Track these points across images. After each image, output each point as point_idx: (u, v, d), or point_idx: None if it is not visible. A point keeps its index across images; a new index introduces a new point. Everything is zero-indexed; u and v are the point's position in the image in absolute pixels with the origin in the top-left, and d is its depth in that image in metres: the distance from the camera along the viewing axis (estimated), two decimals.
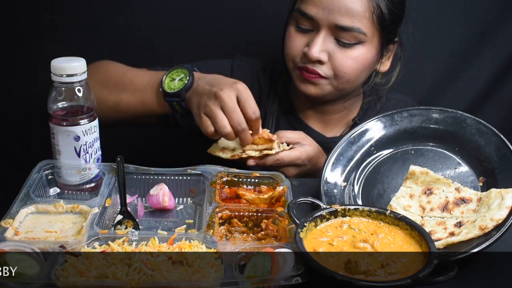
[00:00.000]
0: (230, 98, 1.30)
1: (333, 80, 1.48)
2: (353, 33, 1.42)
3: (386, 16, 1.45)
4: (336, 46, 1.45)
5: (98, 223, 1.06)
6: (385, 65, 1.58)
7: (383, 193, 1.25)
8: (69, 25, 1.80)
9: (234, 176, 1.25)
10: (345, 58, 1.45)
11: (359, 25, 1.42)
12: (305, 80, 1.50)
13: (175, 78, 1.43)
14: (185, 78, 1.41)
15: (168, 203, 1.22)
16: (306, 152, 1.40)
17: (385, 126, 1.32)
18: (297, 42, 1.49)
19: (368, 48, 1.47)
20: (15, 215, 1.06)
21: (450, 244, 1.06)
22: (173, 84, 1.41)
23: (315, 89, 1.50)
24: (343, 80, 1.48)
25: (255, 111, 1.32)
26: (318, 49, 1.43)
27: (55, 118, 1.19)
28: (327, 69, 1.46)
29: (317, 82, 1.49)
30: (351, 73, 1.47)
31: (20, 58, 1.83)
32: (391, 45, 1.56)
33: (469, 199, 1.16)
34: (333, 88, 1.50)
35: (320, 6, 1.42)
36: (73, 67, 1.17)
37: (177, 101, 1.41)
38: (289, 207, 1.07)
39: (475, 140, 1.24)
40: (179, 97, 1.40)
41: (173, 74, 1.44)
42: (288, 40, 1.51)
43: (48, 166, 1.22)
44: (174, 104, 1.42)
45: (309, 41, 1.46)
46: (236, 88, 1.32)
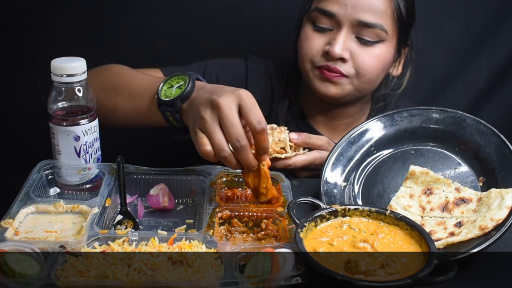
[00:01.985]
0: (229, 107, 1.07)
1: (354, 79, 1.47)
2: (375, 30, 1.42)
3: (404, 16, 1.46)
4: (358, 44, 1.44)
5: (98, 223, 1.06)
6: (398, 69, 1.57)
7: (383, 193, 1.25)
8: (69, 25, 1.80)
9: (234, 176, 1.25)
10: (367, 56, 1.44)
11: (381, 22, 1.42)
12: (325, 80, 1.47)
13: (174, 85, 1.23)
14: (184, 86, 1.19)
15: (168, 203, 1.22)
16: (321, 158, 1.36)
17: (385, 126, 1.32)
18: (316, 42, 1.47)
19: (388, 47, 1.47)
20: (15, 215, 1.06)
21: (450, 244, 1.06)
22: (171, 91, 1.21)
23: (335, 89, 1.48)
24: (365, 79, 1.47)
25: (260, 121, 1.07)
26: (340, 47, 1.42)
27: (55, 118, 1.19)
28: (349, 67, 1.45)
29: (338, 82, 1.46)
30: (373, 71, 1.46)
31: (20, 58, 1.83)
32: (403, 49, 1.56)
33: (469, 199, 1.16)
34: (354, 88, 1.48)
35: (343, 3, 1.41)
36: (73, 67, 1.17)
37: (171, 111, 1.20)
38: (289, 207, 1.07)
39: (475, 140, 1.24)
40: (173, 107, 1.19)
41: (172, 80, 1.24)
42: (306, 40, 1.49)
43: (48, 166, 1.22)
44: (168, 115, 1.21)
45: (329, 40, 1.45)
46: (238, 95, 1.08)
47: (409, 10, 1.48)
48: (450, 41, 1.94)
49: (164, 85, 1.24)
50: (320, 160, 1.36)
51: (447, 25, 1.93)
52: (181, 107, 1.18)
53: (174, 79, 1.24)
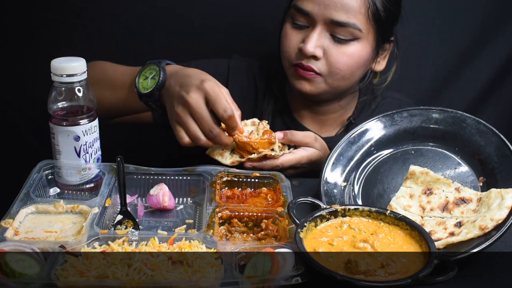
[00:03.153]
0: (197, 103, 1.25)
1: (328, 78, 1.48)
2: (348, 29, 1.43)
3: (381, 14, 1.46)
4: (332, 42, 1.45)
5: (98, 223, 1.06)
6: (381, 64, 1.59)
7: (383, 193, 1.25)
8: (69, 25, 1.80)
9: (234, 176, 1.26)
10: (340, 54, 1.45)
11: (354, 21, 1.42)
12: (300, 77, 1.50)
13: (148, 76, 1.37)
14: (157, 77, 1.35)
15: (168, 203, 1.22)
16: (308, 156, 1.37)
17: (385, 126, 1.32)
18: (293, 39, 1.49)
19: (363, 45, 1.47)
20: (15, 215, 1.06)
21: (450, 244, 1.06)
22: (147, 83, 1.36)
23: (310, 86, 1.50)
24: (338, 77, 1.48)
25: (226, 109, 1.25)
26: (313, 45, 1.43)
27: (55, 118, 1.19)
28: (322, 65, 1.46)
29: (312, 79, 1.49)
30: (346, 69, 1.47)
31: (20, 58, 1.83)
32: (387, 44, 1.57)
33: (469, 199, 1.16)
34: (328, 86, 1.50)
35: (316, 2, 1.43)
36: (73, 67, 1.17)
37: (152, 101, 1.37)
38: (289, 207, 1.07)
39: (475, 140, 1.24)
40: (153, 98, 1.36)
41: (146, 72, 1.38)
42: (284, 37, 1.51)
43: (48, 166, 1.22)
44: (151, 104, 1.38)
45: (305, 37, 1.47)
46: (203, 89, 1.25)
47: (389, 7, 1.48)
48: (450, 41, 1.94)
49: (139, 78, 1.38)
50: (306, 158, 1.37)
51: (447, 25, 1.92)
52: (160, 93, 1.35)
53: (147, 70, 1.39)
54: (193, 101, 1.25)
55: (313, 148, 1.38)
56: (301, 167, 1.39)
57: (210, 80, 1.28)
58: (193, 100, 1.25)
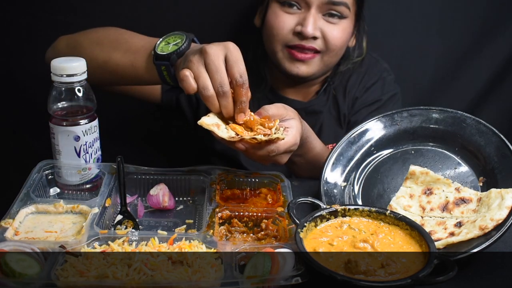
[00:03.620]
0: (216, 55, 1.14)
1: (325, 55, 1.54)
2: (341, 8, 1.50)
3: None
4: (325, 22, 1.51)
5: (98, 223, 1.06)
6: (353, 41, 1.66)
7: (383, 193, 1.25)
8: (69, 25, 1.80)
9: (234, 176, 1.25)
10: (335, 31, 1.52)
11: (346, 0, 1.50)
12: (295, 60, 1.53)
13: (171, 42, 1.29)
14: (180, 43, 1.26)
15: (168, 203, 1.22)
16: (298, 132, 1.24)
17: (385, 126, 1.32)
18: (286, 21, 1.52)
19: (349, 23, 1.55)
20: (15, 215, 1.06)
21: (450, 244, 1.06)
22: (167, 47, 1.27)
23: (306, 68, 1.54)
24: (333, 54, 1.55)
25: (242, 75, 1.14)
26: (312, 26, 1.48)
27: (55, 118, 1.19)
28: (320, 43, 1.52)
29: (308, 61, 1.53)
30: (340, 45, 1.55)
31: (20, 58, 1.83)
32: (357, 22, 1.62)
33: (469, 199, 1.16)
34: (323, 63, 1.56)
35: None
36: (73, 67, 1.17)
37: (166, 65, 1.25)
38: (289, 207, 1.07)
39: (475, 140, 1.24)
40: (169, 61, 1.25)
41: (169, 39, 1.31)
42: (276, 20, 1.53)
43: (48, 166, 1.22)
44: (163, 69, 1.26)
45: (299, 20, 1.50)
46: (226, 46, 1.16)
47: None
48: (450, 41, 1.94)
49: (161, 42, 1.29)
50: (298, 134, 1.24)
51: (447, 25, 1.92)
52: (176, 62, 1.24)
53: (171, 37, 1.30)
54: (212, 51, 1.14)
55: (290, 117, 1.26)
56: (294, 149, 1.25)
57: (234, 44, 1.19)
58: (213, 51, 1.14)
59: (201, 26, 1.77)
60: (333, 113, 1.68)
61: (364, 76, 1.69)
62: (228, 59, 1.15)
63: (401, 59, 1.94)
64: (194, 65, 1.15)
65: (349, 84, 1.68)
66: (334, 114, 1.68)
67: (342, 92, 1.68)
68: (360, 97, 1.67)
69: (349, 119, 1.67)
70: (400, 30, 1.91)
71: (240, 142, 1.15)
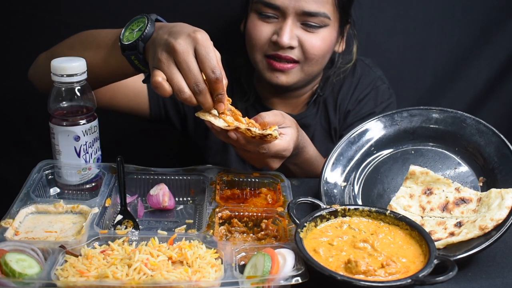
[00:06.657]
0: (185, 52, 1.08)
1: (304, 65, 1.52)
2: (319, 18, 1.47)
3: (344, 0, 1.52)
4: (303, 31, 1.49)
5: (98, 223, 1.06)
6: (341, 46, 1.63)
7: (383, 193, 1.25)
8: (69, 25, 1.80)
9: (234, 176, 1.25)
10: (313, 40, 1.49)
11: (324, 10, 1.47)
12: (274, 70, 1.52)
13: (135, 29, 1.21)
14: (144, 27, 1.18)
15: (168, 203, 1.22)
16: (293, 140, 1.25)
17: (385, 126, 1.32)
18: (263, 31, 1.50)
19: (331, 31, 1.52)
20: (15, 215, 1.06)
21: (450, 244, 1.06)
22: (132, 35, 1.20)
23: (286, 78, 1.52)
24: (313, 63, 1.52)
25: (214, 70, 1.08)
26: (288, 36, 1.46)
27: (55, 118, 1.19)
28: (298, 52, 1.50)
29: (288, 71, 1.51)
30: (320, 54, 1.52)
31: (20, 58, 1.83)
32: (345, 27, 1.60)
33: (469, 199, 1.16)
34: (303, 73, 1.54)
35: None
36: (73, 67, 1.17)
37: (135, 54, 1.18)
38: (289, 207, 1.07)
39: (475, 140, 1.24)
40: (137, 49, 1.18)
41: (133, 25, 1.23)
42: (253, 30, 1.52)
43: (48, 166, 1.22)
44: (133, 59, 1.20)
45: (276, 29, 1.49)
46: (195, 38, 1.09)
47: None
48: (450, 41, 1.94)
49: (125, 31, 1.23)
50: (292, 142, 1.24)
51: (447, 25, 1.93)
52: (144, 48, 1.18)
53: (134, 23, 1.23)
54: (180, 48, 1.08)
55: (287, 125, 1.26)
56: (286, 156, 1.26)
57: (205, 33, 1.12)
58: (181, 47, 1.08)
59: None
60: (324, 126, 1.66)
61: (356, 86, 1.65)
62: (199, 54, 1.09)
63: (401, 59, 1.94)
64: (165, 65, 1.10)
65: (340, 95, 1.64)
66: (325, 127, 1.66)
67: (333, 104, 1.65)
68: (353, 109, 1.64)
69: (341, 133, 1.63)
70: (400, 30, 1.91)
71: (234, 131, 1.14)
